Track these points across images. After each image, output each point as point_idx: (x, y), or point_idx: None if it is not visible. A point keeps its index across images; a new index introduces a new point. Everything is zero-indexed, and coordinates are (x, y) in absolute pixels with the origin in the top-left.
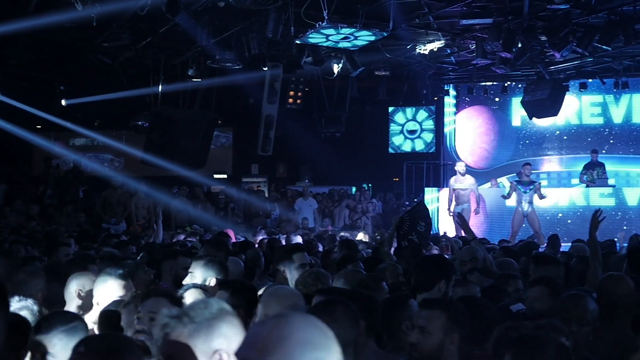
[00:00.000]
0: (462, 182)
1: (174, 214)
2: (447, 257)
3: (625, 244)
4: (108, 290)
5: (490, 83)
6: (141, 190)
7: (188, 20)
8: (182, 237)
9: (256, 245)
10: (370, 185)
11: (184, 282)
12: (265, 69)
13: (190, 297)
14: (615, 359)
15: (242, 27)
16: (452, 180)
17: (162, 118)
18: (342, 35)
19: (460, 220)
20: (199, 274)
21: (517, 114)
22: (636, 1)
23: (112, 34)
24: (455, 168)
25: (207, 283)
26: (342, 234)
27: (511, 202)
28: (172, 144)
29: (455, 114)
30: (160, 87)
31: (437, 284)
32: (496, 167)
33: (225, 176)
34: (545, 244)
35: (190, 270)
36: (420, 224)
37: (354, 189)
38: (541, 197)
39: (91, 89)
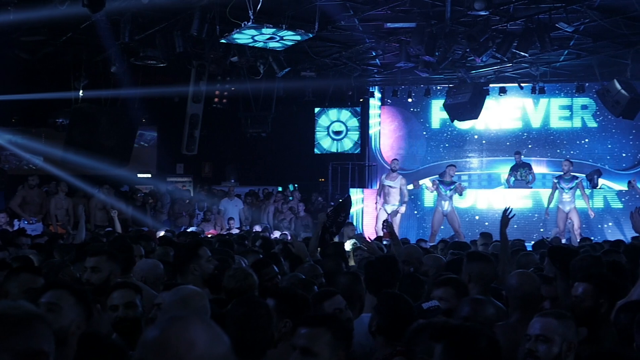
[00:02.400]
0: (394, 179)
1: (93, 213)
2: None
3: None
4: (21, 282)
5: (414, 86)
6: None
7: (110, 16)
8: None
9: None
10: (296, 185)
11: (85, 278)
12: (191, 67)
13: (122, 295)
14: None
15: (167, 24)
16: (384, 177)
17: (83, 115)
18: (268, 36)
19: (389, 229)
20: (105, 269)
21: (439, 117)
22: (551, 10)
23: (30, 28)
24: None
25: (112, 277)
26: (263, 234)
27: (429, 202)
28: (94, 142)
29: (380, 115)
30: (81, 84)
31: (393, 287)
32: (418, 169)
33: (149, 175)
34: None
35: (94, 265)
36: (341, 215)
37: (280, 189)
38: (460, 194)
39: (9, 85)
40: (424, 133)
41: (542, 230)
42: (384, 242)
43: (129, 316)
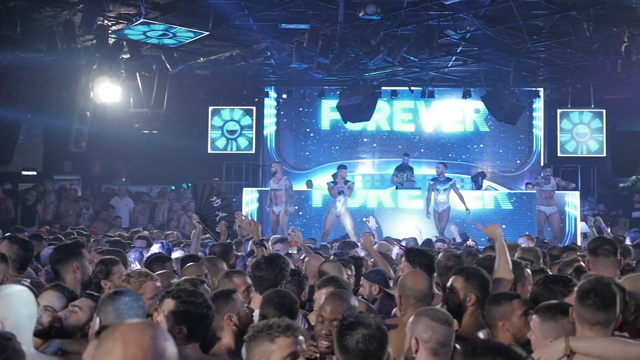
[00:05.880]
0: (278, 182)
1: None
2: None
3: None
4: None
5: (308, 87)
6: None
7: None
8: None
9: None
10: (190, 184)
11: None
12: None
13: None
14: None
15: (54, 16)
16: (271, 180)
17: None
18: (161, 32)
19: (296, 237)
20: (2, 271)
21: (329, 117)
22: (440, 17)
23: None
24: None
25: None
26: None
27: (317, 202)
28: None
29: (276, 115)
30: None
31: (279, 285)
32: (313, 169)
33: (34, 173)
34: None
35: None
36: (213, 205)
37: (173, 187)
38: (349, 195)
39: None
40: (312, 134)
41: (432, 232)
42: (289, 251)
43: None
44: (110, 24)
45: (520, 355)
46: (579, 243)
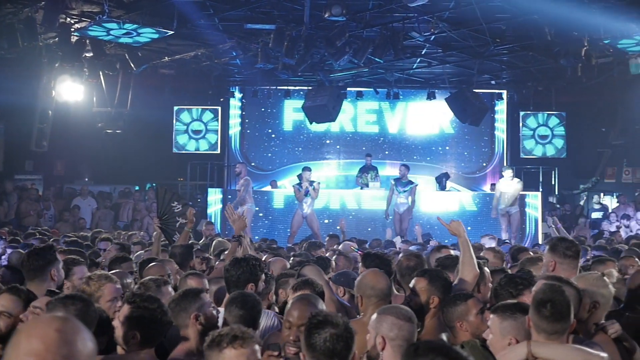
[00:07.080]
0: (238, 182)
1: None
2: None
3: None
4: None
5: (274, 87)
6: None
7: None
8: None
9: None
10: (154, 184)
11: None
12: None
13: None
14: None
15: (15, 13)
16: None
17: None
18: (125, 31)
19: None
20: None
21: (292, 118)
22: (405, 19)
23: None
24: None
25: None
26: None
27: (279, 203)
28: None
29: (241, 115)
30: None
31: (247, 285)
32: (277, 170)
33: None
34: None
35: None
36: (174, 210)
37: (137, 188)
38: (314, 197)
39: None
40: (274, 135)
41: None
42: None
43: None
44: (72, 21)
45: (461, 355)
46: (540, 243)
